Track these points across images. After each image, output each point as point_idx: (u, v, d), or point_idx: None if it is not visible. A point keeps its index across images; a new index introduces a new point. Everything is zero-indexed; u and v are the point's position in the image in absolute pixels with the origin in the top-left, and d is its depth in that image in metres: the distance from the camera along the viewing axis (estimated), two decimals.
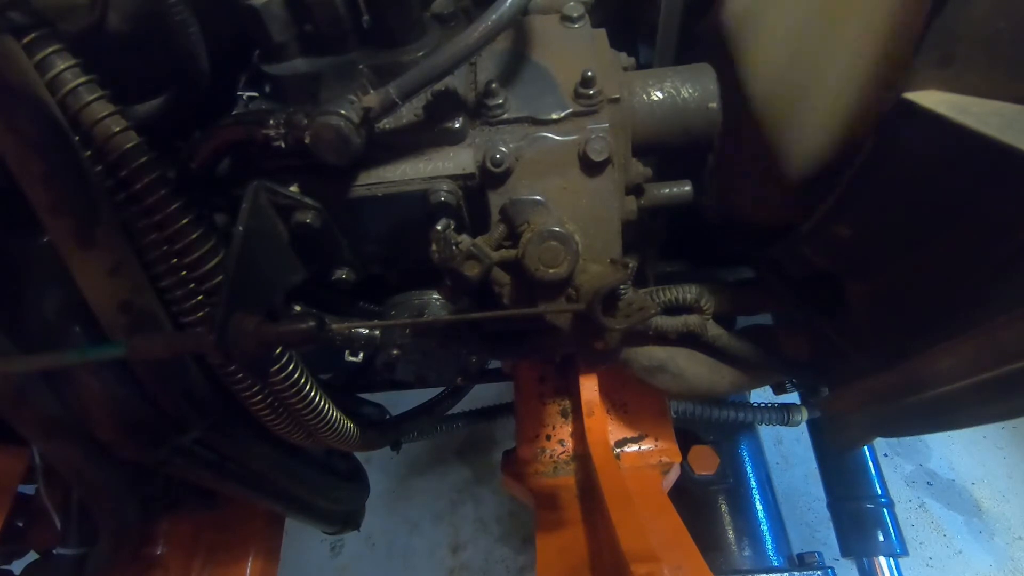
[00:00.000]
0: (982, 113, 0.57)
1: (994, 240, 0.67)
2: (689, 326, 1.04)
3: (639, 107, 0.80)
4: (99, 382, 0.80)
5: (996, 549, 2.34)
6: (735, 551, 1.50)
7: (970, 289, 0.72)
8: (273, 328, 0.59)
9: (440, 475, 2.68)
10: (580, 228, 0.71)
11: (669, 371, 1.09)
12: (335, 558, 2.52)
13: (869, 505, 1.63)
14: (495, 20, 0.65)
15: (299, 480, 1.18)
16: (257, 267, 0.68)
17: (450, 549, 2.51)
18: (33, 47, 0.62)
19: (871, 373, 0.86)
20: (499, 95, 0.73)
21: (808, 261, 0.87)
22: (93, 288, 0.71)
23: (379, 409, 1.25)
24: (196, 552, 1.33)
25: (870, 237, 0.78)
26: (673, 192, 0.87)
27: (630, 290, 0.70)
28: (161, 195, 0.70)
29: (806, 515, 2.43)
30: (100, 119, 0.66)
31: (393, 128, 0.74)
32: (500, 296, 0.72)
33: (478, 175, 0.73)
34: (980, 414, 0.75)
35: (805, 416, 1.55)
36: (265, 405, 0.86)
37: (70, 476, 0.89)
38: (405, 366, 0.91)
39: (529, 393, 1.34)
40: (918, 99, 0.61)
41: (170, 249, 0.73)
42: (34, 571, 1.13)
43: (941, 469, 2.55)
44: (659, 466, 1.25)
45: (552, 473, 1.27)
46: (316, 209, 0.74)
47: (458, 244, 0.68)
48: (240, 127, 0.72)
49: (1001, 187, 0.63)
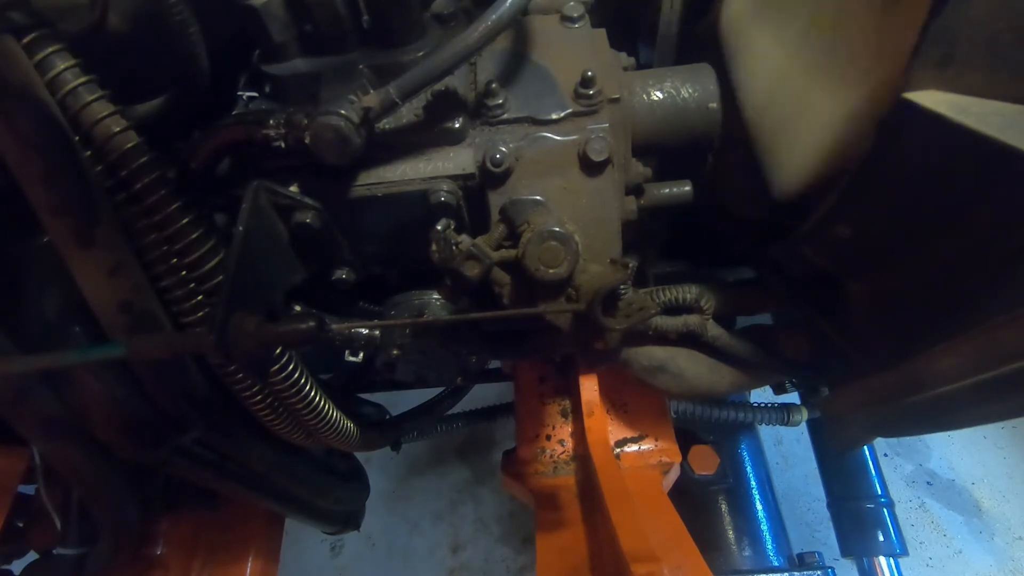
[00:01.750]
0: (982, 113, 0.57)
1: (994, 240, 0.67)
2: (689, 326, 1.04)
3: (639, 107, 0.80)
4: (99, 382, 0.80)
5: (996, 549, 2.34)
6: (735, 551, 1.50)
7: (970, 289, 0.72)
8: (273, 328, 0.59)
9: (440, 475, 2.68)
10: (580, 228, 0.71)
11: (669, 371, 1.09)
12: (335, 558, 2.52)
13: (869, 505, 1.63)
14: (495, 20, 0.65)
15: (299, 480, 1.18)
16: (257, 267, 0.68)
17: (450, 549, 2.51)
18: (33, 47, 0.62)
19: (871, 373, 0.86)
20: (499, 95, 0.73)
21: (808, 261, 0.87)
22: (93, 288, 0.71)
23: (379, 409, 1.25)
24: (196, 552, 1.33)
25: (870, 237, 0.78)
26: (673, 192, 0.87)
27: (630, 290, 0.70)
28: (161, 195, 0.70)
29: (806, 515, 2.43)
30: (100, 119, 0.66)
31: (393, 128, 0.74)
32: (500, 296, 0.72)
33: (478, 175, 0.73)
34: (980, 414, 0.74)
35: (805, 416, 1.55)
36: (265, 405, 0.86)
37: (70, 476, 0.89)
38: (405, 366, 0.91)
39: (529, 393, 1.34)
40: (918, 99, 0.60)
41: (170, 249, 0.73)
42: (34, 571, 1.13)
43: (941, 469, 2.55)
44: (659, 466, 1.25)
45: (552, 473, 1.27)
46: (316, 209, 0.74)
47: (458, 244, 0.68)
48: (240, 127, 0.72)
49: (1001, 187, 0.63)
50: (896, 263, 0.79)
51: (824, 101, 0.74)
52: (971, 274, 0.71)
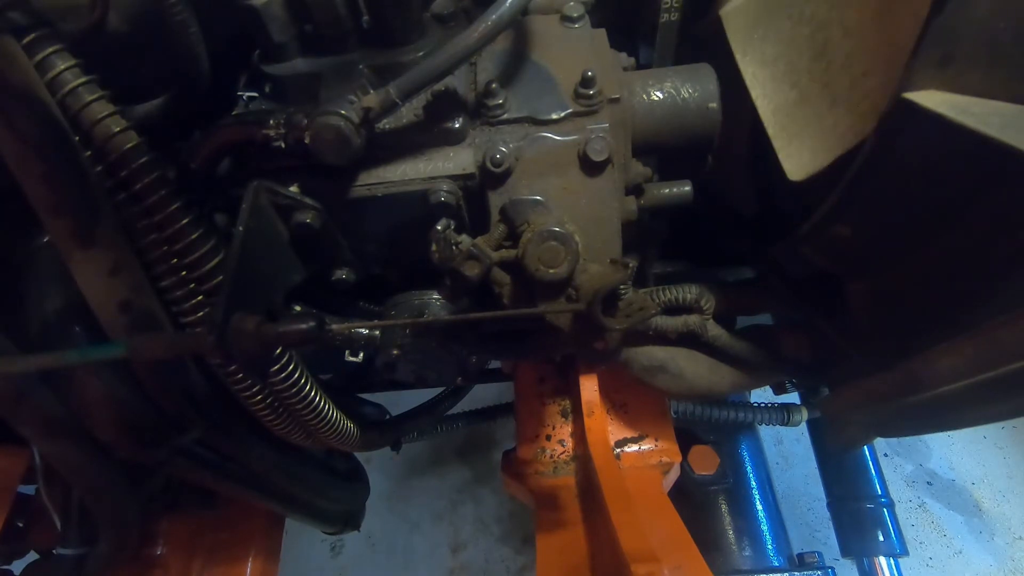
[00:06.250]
0: (982, 113, 0.57)
1: (994, 240, 0.67)
2: (689, 326, 1.04)
3: (639, 107, 0.80)
4: (99, 382, 0.80)
5: (996, 549, 2.34)
6: (735, 551, 1.50)
7: (970, 289, 0.72)
8: (273, 328, 0.59)
9: (440, 475, 2.68)
10: (580, 228, 0.71)
11: (669, 371, 1.09)
12: (335, 558, 2.52)
13: (869, 505, 1.63)
14: (495, 20, 0.65)
15: (299, 480, 1.17)
16: (257, 267, 0.68)
17: (450, 549, 2.51)
18: (33, 47, 0.62)
19: (871, 373, 0.86)
20: (499, 95, 0.73)
21: (808, 261, 0.87)
22: (93, 288, 0.71)
23: (379, 409, 1.25)
24: (196, 552, 1.33)
25: (870, 237, 0.78)
26: (673, 192, 0.87)
27: (630, 290, 0.70)
28: (161, 195, 0.70)
29: (806, 515, 2.43)
30: (100, 119, 0.66)
31: (393, 128, 0.74)
32: (500, 296, 0.72)
33: (478, 175, 0.73)
34: (980, 414, 0.75)
35: (805, 416, 1.55)
36: (265, 405, 0.86)
37: (70, 476, 0.89)
38: (405, 366, 0.91)
39: (529, 393, 1.34)
40: (918, 99, 0.60)
41: (170, 249, 0.73)
42: (34, 571, 1.13)
43: (941, 469, 2.55)
44: (659, 466, 1.25)
45: (552, 473, 1.27)
46: (316, 209, 0.74)
47: (458, 244, 0.68)
48: (240, 127, 0.72)
49: (1001, 187, 0.63)
50: (896, 263, 0.79)
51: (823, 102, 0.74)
52: (971, 274, 0.71)
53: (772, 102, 0.80)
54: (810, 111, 0.76)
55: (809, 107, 0.77)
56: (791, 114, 0.79)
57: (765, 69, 0.81)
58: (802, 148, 0.77)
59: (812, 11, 0.76)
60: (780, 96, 0.80)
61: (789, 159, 0.78)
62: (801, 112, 0.77)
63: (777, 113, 0.80)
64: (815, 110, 0.76)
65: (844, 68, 0.72)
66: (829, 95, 0.74)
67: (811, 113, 0.76)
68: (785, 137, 0.79)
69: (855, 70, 0.71)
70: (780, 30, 0.80)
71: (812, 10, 0.76)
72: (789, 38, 0.79)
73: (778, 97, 0.80)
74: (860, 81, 0.71)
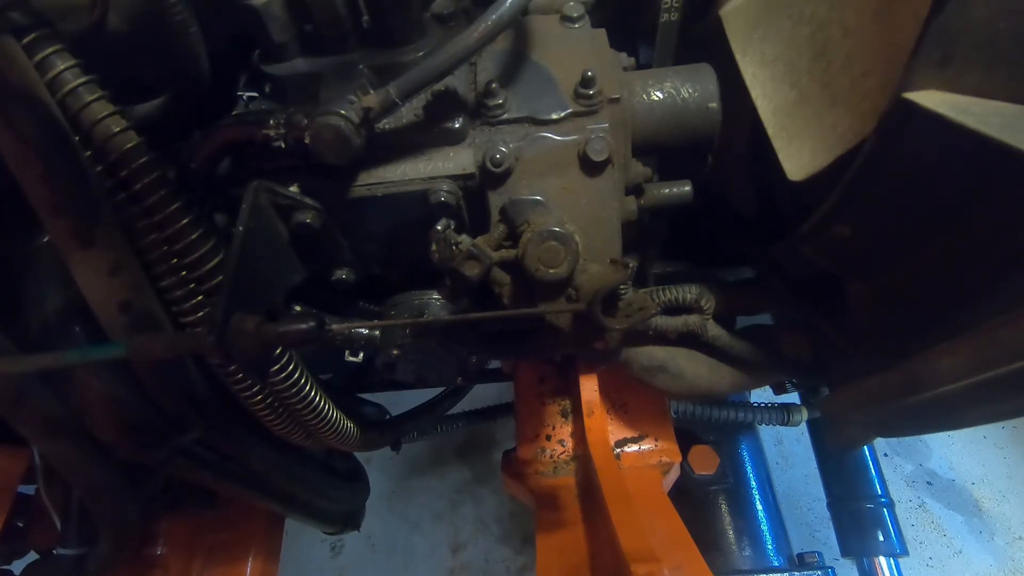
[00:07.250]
0: (982, 113, 0.57)
1: (994, 240, 0.67)
2: (689, 326, 1.04)
3: (639, 107, 0.80)
4: (99, 382, 0.80)
5: (996, 549, 2.34)
6: (735, 551, 1.50)
7: (970, 289, 0.72)
8: (273, 328, 0.59)
9: (440, 475, 2.68)
10: (580, 228, 0.71)
11: (669, 371, 1.09)
12: (335, 558, 2.52)
13: (869, 505, 1.63)
14: (495, 20, 0.65)
15: (299, 480, 1.17)
16: (257, 267, 0.68)
17: (450, 549, 2.51)
18: (33, 47, 0.62)
19: (871, 373, 0.86)
20: (499, 95, 0.73)
21: (808, 261, 0.87)
22: (93, 288, 0.71)
23: (379, 409, 1.25)
24: (196, 552, 1.33)
25: (870, 237, 0.78)
26: (673, 192, 0.87)
27: (630, 290, 0.70)
28: (161, 195, 0.70)
29: (806, 515, 2.43)
30: (100, 119, 0.66)
31: (393, 128, 0.74)
32: (500, 296, 0.72)
33: (478, 175, 0.73)
34: (980, 414, 0.75)
35: (805, 416, 1.55)
36: (265, 405, 0.86)
37: (70, 476, 0.89)
38: (405, 366, 0.91)
39: (529, 393, 1.34)
40: (918, 99, 0.60)
41: (170, 249, 0.73)
42: (34, 571, 1.13)
43: (941, 469, 2.55)
44: (659, 466, 1.25)
45: (552, 473, 1.27)
46: (316, 209, 0.74)
47: (458, 244, 0.68)
48: (240, 127, 0.72)
49: (1001, 187, 0.63)
50: (896, 263, 0.79)
51: (823, 102, 0.74)
52: (971, 274, 0.71)
53: (772, 102, 0.81)
54: (810, 111, 0.77)
55: (809, 107, 0.77)
56: (791, 114, 0.79)
57: (765, 69, 0.81)
58: (802, 148, 0.77)
59: (812, 11, 0.76)
60: (780, 96, 0.80)
61: (789, 159, 0.78)
62: (801, 112, 0.78)
63: (777, 113, 0.80)
64: (815, 110, 0.76)
65: (844, 68, 0.72)
66: (829, 95, 0.74)
67: (811, 113, 0.76)
68: (785, 137, 0.79)
69: (855, 70, 0.71)
70: (780, 30, 0.80)
71: (812, 10, 0.76)
72: (789, 38, 0.79)
73: (778, 97, 0.80)
74: (860, 81, 0.71)
